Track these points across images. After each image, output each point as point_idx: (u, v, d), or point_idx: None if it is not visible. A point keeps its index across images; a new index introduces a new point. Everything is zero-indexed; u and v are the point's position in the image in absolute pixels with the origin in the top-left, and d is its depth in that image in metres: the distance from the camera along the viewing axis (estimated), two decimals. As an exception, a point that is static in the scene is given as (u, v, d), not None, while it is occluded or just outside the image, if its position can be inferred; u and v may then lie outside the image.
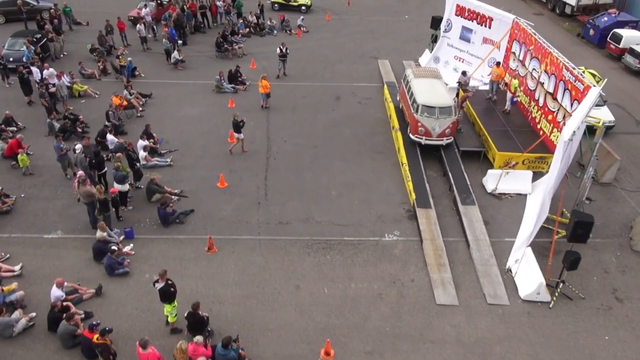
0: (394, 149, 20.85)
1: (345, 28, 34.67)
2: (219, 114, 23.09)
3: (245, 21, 32.76)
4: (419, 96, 19.72)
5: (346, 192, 18.22)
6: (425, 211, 16.95)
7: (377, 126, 22.63)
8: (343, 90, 25.78)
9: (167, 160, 19.32)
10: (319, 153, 20.43)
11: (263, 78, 23.35)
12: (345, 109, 24.02)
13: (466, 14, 25.85)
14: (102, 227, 14.77)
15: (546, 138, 19.08)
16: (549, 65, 19.76)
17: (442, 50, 27.51)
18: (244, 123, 20.03)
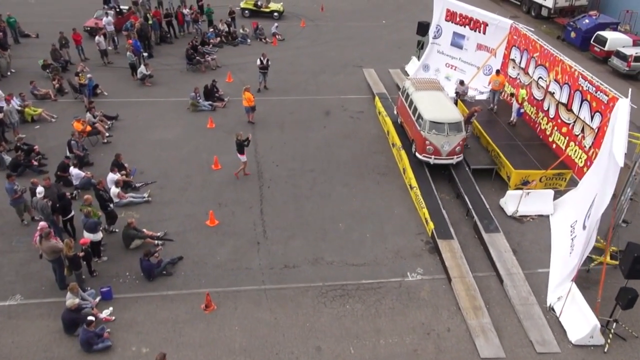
0: (398, 169, 18.90)
1: (322, 35, 32.63)
2: (198, 136, 20.58)
3: (215, 30, 30.22)
4: (426, 112, 17.83)
5: (355, 224, 16.11)
6: (447, 243, 15.03)
7: (375, 144, 20.65)
8: (331, 104, 23.71)
9: (144, 196, 16.71)
10: (317, 178, 18.24)
11: (246, 90, 21.04)
12: (337, 125, 21.94)
13: (457, 19, 24.25)
14: (73, 289, 12.10)
15: (567, 158, 17.48)
16: (559, 73, 18.26)
17: (432, 58, 25.84)
18: (249, 142, 17.72)
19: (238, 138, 17.47)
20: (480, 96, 23.31)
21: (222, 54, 28.37)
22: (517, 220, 16.56)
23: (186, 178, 17.95)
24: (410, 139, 19.04)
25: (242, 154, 17.66)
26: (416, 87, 19.38)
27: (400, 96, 20.42)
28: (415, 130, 18.28)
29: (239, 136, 17.51)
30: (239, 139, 17.44)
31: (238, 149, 17.58)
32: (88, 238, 13.55)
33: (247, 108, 21.28)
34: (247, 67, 27.09)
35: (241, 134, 17.65)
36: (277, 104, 23.45)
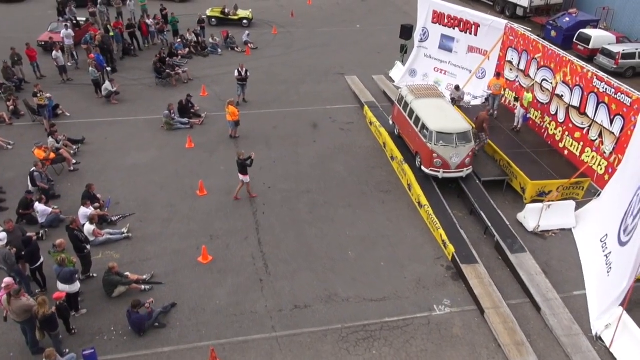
0: (402, 185, 17.36)
1: (296, 42, 30.93)
2: (177, 158, 18.51)
3: (183, 40, 28.08)
4: (430, 122, 16.36)
5: (365, 250, 14.43)
6: (472, 268, 13.53)
7: (372, 157, 19.05)
8: (318, 116, 22.01)
9: (123, 231, 14.58)
10: (315, 200, 16.49)
11: (230, 103, 19.22)
12: (327, 138, 20.25)
13: (446, 20, 23.01)
14: (50, 356, 9.92)
15: (588, 169, 16.32)
16: (568, 75, 17.14)
17: (419, 62, 24.53)
18: (253, 160, 15.90)
19: (240, 157, 15.69)
20: (474, 101, 22.09)
21: (192, 66, 26.27)
22: (539, 236, 15.25)
23: (169, 207, 15.88)
24: (413, 152, 17.54)
25: (245, 174, 15.86)
26: (415, 94, 17.91)
27: (397, 105, 18.91)
28: (419, 142, 16.78)
29: (241, 155, 15.72)
30: (240, 159, 15.67)
31: (240, 169, 15.78)
32: (64, 291, 11.37)
33: (231, 123, 19.41)
34: (221, 78, 25.14)
35: (243, 153, 15.87)
36: (259, 118, 21.59)
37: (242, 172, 15.84)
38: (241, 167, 15.75)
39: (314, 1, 39.65)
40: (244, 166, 15.68)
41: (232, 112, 19.05)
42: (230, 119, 19.21)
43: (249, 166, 15.77)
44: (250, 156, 15.88)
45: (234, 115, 19.11)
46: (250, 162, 15.80)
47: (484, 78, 22.31)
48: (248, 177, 16.01)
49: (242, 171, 15.81)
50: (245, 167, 15.71)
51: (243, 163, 15.65)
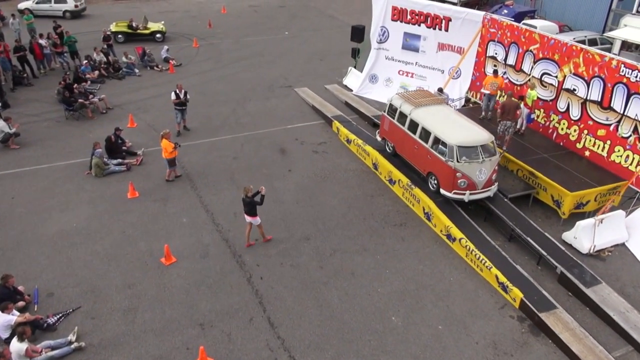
0: (415, 214, 14.21)
1: (225, 54, 26.84)
2: (120, 214, 13.93)
3: (90, 61, 22.93)
4: (447, 135, 13.40)
5: (411, 311, 11.04)
6: (555, 317, 10.64)
7: (365, 183, 15.73)
8: (280, 138, 18.30)
9: (70, 340, 9.95)
10: (320, 248, 12.81)
11: (163, 137, 14.92)
12: (303, 165, 16.61)
13: (408, 17, 20.33)
14: None
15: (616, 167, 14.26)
16: (581, 65, 15.02)
17: (380, 66, 21.66)
18: (263, 197, 12.19)
19: (247, 195, 12.06)
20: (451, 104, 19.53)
21: (108, 92, 21.31)
22: (596, 258, 12.79)
23: (128, 289, 11.40)
24: (423, 172, 14.46)
25: (255, 215, 12.25)
26: (412, 103, 14.87)
27: (388, 118, 15.76)
28: (433, 160, 13.74)
29: (248, 191, 12.05)
30: (248, 196, 12.04)
31: (248, 210, 12.15)
32: None
33: (166, 161, 15.19)
34: (148, 104, 20.58)
35: (250, 188, 12.14)
36: (211, 149, 17.44)
37: (251, 213, 12.26)
38: (250, 207, 12.15)
39: (229, 9, 35.71)
40: (253, 205, 12.08)
41: (164, 147, 14.82)
42: (167, 156, 14.96)
43: (260, 204, 12.10)
44: (259, 191, 12.17)
45: (166, 151, 14.88)
46: (261, 198, 12.15)
47: (459, 78, 19.93)
48: (258, 218, 12.36)
49: (251, 212, 12.23)
50: (255, 206, 12.12)
51: (252, 201, 12.00)
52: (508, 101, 15.41)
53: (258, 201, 12.12)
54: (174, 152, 15.04)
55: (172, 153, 15.02)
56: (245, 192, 12.11)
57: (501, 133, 15.52)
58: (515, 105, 15.34)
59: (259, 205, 12.17)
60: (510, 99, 15.46)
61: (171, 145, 14.91)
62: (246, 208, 12.26)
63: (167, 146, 14.86)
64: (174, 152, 15.08)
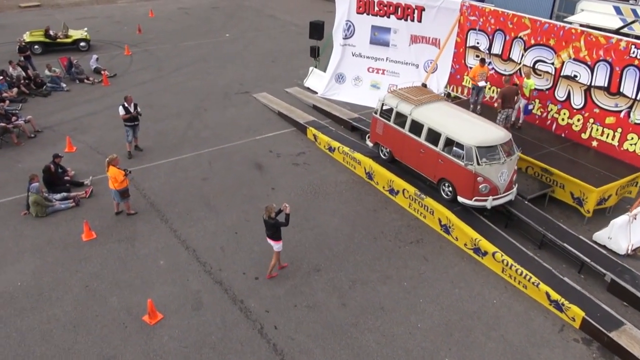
0: (428, 227, 12.51)
1: (164, 61, 23.98)
2: (76, 262, 11.15)
3: (6, 77, 19.39)
4: (463, 135, 11.82)
5: (464, 348, 9.26)
6: (626, 335, 9.26)
7: (362, 196, 13.84)
8: (252, 151, 16.02)
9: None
10: (335, 281, 10.76)
11: (110, 163, 12.23)
12: (287, 181, 14.46)
13: (376, 8, 18.69)
14: None
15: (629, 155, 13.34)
16: (583, 50, 13.96)
17: (346, 64, 19.86)
18: (289, 216, 9.97)
19: (270, 215, 9.92)
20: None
21: (33, 111, 18.00)
22: (633, 258, 11.63)
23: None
24: (433, 180, 12.78)
25: (278, 239, 10.11)
26: (411, 101, 13.17)
27: (382, 120, 13.96)
28: (447, 165, 12.10)
29: (271, 211, 9.93)
30: (271, 217, 9.90)
31: (272, 233, 10.05)
32: None
33: (116, 194, 12.42)
34: (85, 123, 17.60)
35: (273, 207, 10.00)
36: (174, 170, 14.86)
37: (275, 237, 10.13)
38: (274, 230, 10.02)
39: (156, 13, 32.59)
40: (277, 228, 9.94)
41: (113, 175, 12.12)
42: (115, 186, 12.24)
43: (285, 224, 9.95)
44: (282, 209, 10.01)
45: (115, 181, 12.18)
46: (286, 219, 9.97)
47: (435, 72, 18.51)
48: (281, 243, 10.21)
49: (275, 235, 10.12)
50: (279, 229, 9.99)
51: (276, 223, 9.87)
52: (507, 88, 14.32)
53: (283, 222, 9.97)
54: (125, 180, 12.32)
55: (123, 182, 12.27)
56: (267, 213, 9.95)
57: (501, 123, 14.30)
58: (514, 91, 14.42)
59: (285, 226, 9.99)
60: (509, 85, 14.31)
61: (121, 172, 12.18)
62: (269, 232, 10.12)
63: (116, 175, 12.11)
64: (126, 181, 12.35)
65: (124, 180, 12.28)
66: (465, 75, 17.62)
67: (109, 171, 12.17)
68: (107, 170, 12.21)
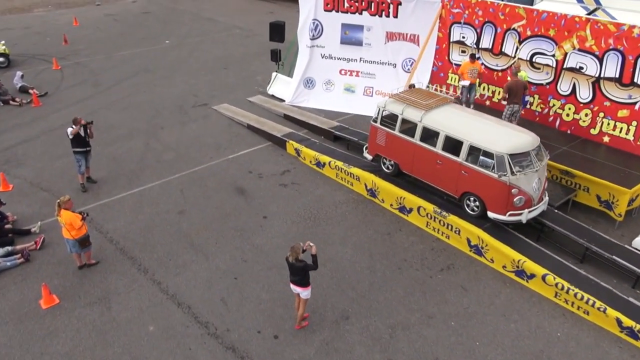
0: (455, 249, 10.96)
1: (101, 75, 21.08)
2: (39, 338, 8.65)
3: None
4: (491, 142, 10.39)
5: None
6: None
7: (369, 217, 12.11)
8: (229, 173, 13.87)
9: None
10: (372, 329, 8.95)
11: (62, 206, 9.78)
12: (278, 206, 12.46)
13: (346, 5, 17.01)
14: None
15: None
16: (589, 39, 12.97)
17: (315, 67, 18.05)
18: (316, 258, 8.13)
19: (297, 256, 8.02)
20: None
21: (-49, 144, 14.85)
22: (679, 263, 10.63)
23: None
24: (455, 194, 11.23)
25: (308, 285, 8.21)
26: (420, 106, 11.59)
27: (384, 129, 12.27)
28: (474, 177, 10.62)
29: (298, 253, 7.99)
30: (299, 260, 8.02)
31: (300, 279, 8.16)
32: None
33: (72, 243, 9.93)
34: (19, 153, 14.73)
35: (299, 247, 7.99)
36: (140, 205, 12.45)
37: (303, 283, 8.21)
38: (302, 274, 8.09)
39: (81, 21, 29.18)
40: (306, 272, 8.00)
41: (68, 221, 9.66)
42: (72, 235, 9.77)
43: (315, 268, 8.07)
44: (304, 249, 8.11)
45: (72, 229, 9.72)
46: (314, 261, 8.08)
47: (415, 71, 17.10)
48: (309, 289, 8.25)
49: (303, 281, 8.20)
50: (308, 273, 8.07)
51: (306, 266, 7.98)
52: (514, 81, 13.23)
53: (313, 265, 8.08)
54: (83, 226, 9.88)
55: (81, 229, 9.84)
56: (294, 255, 8.05)
57: (508, 119, 13.19)
58: (522, 84, 13.30)
59: (314, 269, 8.06)
60: (515, 77, 13.16)
61: (78, 217, 9.76)
62: (297, 277, 8.17)
63: (72, 220, 9.66)
64: (84, 227, 9.91)
65: (83, 227, 9.82)
66: (449, 72, 16.30)
67: (61, 216, 9.66)
68: (59, 214, 9.70)
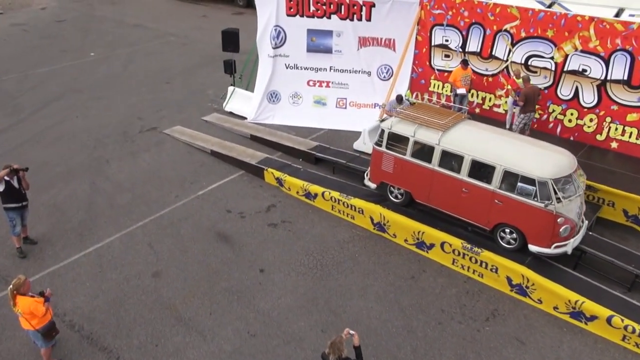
0: (494, 290, 9.50)
1: (19, 99, 17.87)
2: None
3: None
4: (530, 166, 9.08)
5: None
6: None
7: (382, 257, 10.40)
8: (202, 216, 11.65)
9: None
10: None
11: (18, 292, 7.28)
12: (274, 255, 10.45)
13: (312, 8, 15.16)
14: None
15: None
16: (593, 39, 11.99)
17: (279, 79, 16.06)
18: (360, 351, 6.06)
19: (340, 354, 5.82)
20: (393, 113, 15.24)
21: None
22: None
23: None
24: (486, 226, 9.75)
25: None
26: (436, 126, 10.02)
27: (391, 154, 10.59)
28: (511, 207, 9.23)
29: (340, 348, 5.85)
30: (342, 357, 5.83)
31: None
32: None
33: (36, 335, 7.51)
34: None
35: (341, 342, 5.89)
36: (101, 269, 10.00)
37: None
38: None
39: (-18, 33, 25.21)
40: None
41: (28, 310, 7.22)
42: (29, 325, 7.38)
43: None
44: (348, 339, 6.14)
45: (33, 317, 7.30)
46: (358, 354, 6.11)
47: (389, 79, 15.61)
48: None
49: None
50: None
51: None
52: (530, 88, 12.30)
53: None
54: (48, 311, 7.49)
55: (46, 316, 7.44)
56: (336, 354, 5.90)
57: (520, 129, 12.14)
58: (537, 91, 12.42)
59: None
60: (529, 84, 12.09)
61: (40, 302, 7.34)
62: None
63: (33, 308, 7.24)
64: (49, 313, 7.51)
65: (47, 313, 7.42)
66: (431, 79, 14.92)
67: (17, 305, 7.19)
68: (14, 303, 7.22)
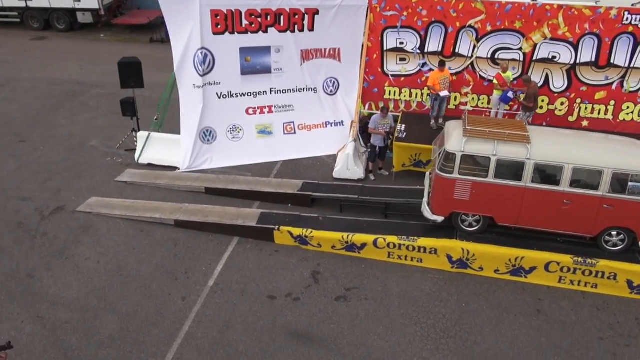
0: (613, 299, 9.06)
1: None
2: None
3: None
4: (636, 163, 8.70)
5: None
6: None
7: (489, 295, 9.10)
8: (245, 309, 8.66)
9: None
10: None
11: None
12: (382, 340, 8.25)
13: (244, 22, 12.55)
14: None
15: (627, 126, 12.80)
16: (562, 27, 12.34)
17: (212, 113, 13.01)
18: None
19: None
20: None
21: None
22: None
23: None
24: (593, 234, 9.17)
25: None
26: (517, 139, 8.95)
27: (467, 179, 9.17)
28: (626, 209, 8.82)
29: None
30: None
31: None
32: None
33: None
34: None
35: None
36: None
37: None
38: None
39: None
40: None
41: None
42: None
43: None
44: None
45: None
46: None
47: (337, 93, 14.03)
48: None
49: None
50: None
51: None
52: (533, 87, 11.98)
53: None
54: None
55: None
56: None
57: None
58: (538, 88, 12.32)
59: None
60: (530, 83, 11.89)
61: None
62: None
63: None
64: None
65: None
66: (385, 86, 13.75)
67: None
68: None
